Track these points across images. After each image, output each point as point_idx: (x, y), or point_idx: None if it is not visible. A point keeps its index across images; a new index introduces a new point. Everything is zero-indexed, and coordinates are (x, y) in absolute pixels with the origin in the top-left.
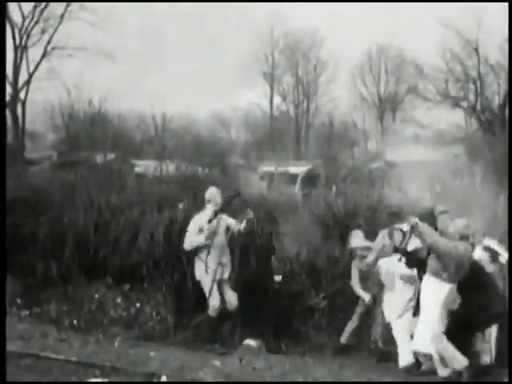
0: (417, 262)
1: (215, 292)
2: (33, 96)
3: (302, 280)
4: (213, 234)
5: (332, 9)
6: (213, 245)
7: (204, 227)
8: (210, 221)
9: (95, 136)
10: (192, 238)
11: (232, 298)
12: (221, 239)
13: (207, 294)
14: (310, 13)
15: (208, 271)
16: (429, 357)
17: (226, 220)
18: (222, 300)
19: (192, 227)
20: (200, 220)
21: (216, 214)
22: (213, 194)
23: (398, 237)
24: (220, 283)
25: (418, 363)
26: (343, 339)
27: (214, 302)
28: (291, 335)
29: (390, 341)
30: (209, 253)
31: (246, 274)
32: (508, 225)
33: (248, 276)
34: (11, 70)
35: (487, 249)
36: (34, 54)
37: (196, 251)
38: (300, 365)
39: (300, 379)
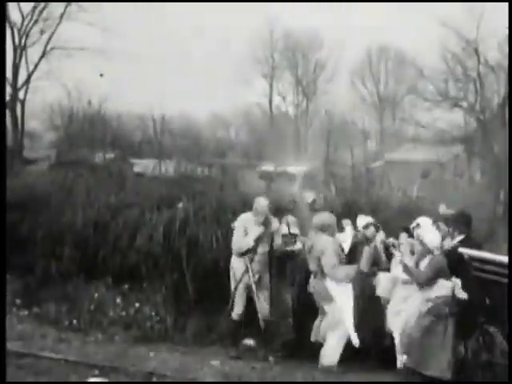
0: None
1: (241, 297)
2: (32, 96)
3: None
4: (260, 239)
5: (332, 9)
6: (257, 251)
7: (249, 228)
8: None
9: (94, 136)
10: (240, 243)
11: (263, 307)
12: (264, 246)
13: (233, 297)
14: (310, 13)
15: (242, 275)
16: None
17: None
18: (248, 306)
19: (240, 229)
20: (245, 220)
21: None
22: (260, 205)
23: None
24: (252, 289)
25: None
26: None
27: (238, 307)
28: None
29: None
30: (252, 259)
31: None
32: (508, 225)
33: None
34: (10, 70)
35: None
36: (34, 54)
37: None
38: (299, 365)
39: (299, 379)
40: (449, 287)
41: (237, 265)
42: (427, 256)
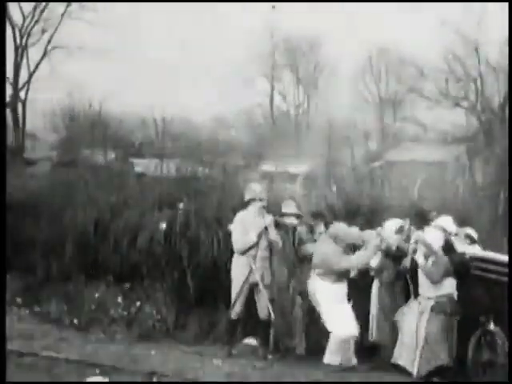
0: None
1: (243, 297)
2: (33, 96)
3: None
4: (262, 233)
5: (333, 9)
6: (259, 247)
7: (249, 225)
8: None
9: (95, 136)
10: (242, 240)
11: (264, 307)
12: (264, 240)
13: (235, 296)
14: (311, 13)
15: (248, 274)
16: None
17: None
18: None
19: (238, 227)
20: (245, 219)
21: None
22: (257, 191)
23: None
24: (255, 288)
25: None
26: None
27: (237, 307)
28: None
29: None
30: (255, 256)
31: None
32: (508, 225)
33: None
34: (11, 70)
35: None
36: (35, 53)
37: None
38: (300, 364)
39: (301, 378)
40: (452, 285)
41: (240, 264)
42: (431, 257)
